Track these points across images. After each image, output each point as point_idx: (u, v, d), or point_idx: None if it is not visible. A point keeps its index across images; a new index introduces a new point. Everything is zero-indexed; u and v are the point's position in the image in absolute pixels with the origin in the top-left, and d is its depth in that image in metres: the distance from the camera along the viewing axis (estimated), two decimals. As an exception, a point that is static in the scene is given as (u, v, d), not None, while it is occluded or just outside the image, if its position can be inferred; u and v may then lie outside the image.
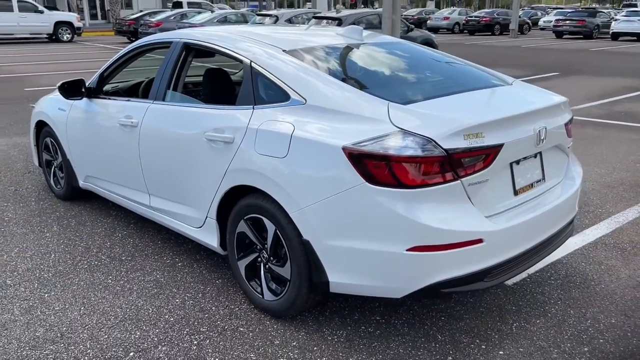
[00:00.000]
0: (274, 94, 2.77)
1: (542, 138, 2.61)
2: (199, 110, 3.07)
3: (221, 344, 2.65)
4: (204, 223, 3.12)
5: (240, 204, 2.84)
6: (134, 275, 3.32)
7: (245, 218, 2.84)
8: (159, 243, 3.79)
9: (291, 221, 2.56)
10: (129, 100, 3.64)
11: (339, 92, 2.57)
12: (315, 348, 2.62)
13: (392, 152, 2.26)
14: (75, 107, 4.11)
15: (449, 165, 2.28)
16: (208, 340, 2.67)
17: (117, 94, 4.25)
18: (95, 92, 4.00)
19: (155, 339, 2.68)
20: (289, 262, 2.65)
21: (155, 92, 3.43)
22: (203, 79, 3.54)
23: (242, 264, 2.96)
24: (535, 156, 2.71)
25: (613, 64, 15.81)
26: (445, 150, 2.26)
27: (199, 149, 2.99)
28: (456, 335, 2.73)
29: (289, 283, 2.69)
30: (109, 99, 3.85)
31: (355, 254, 2.40)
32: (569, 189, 2.90)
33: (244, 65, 2.95)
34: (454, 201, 2.32)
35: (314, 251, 2.50)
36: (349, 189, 2.35)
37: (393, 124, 2.35)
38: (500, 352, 2.59)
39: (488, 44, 24.39)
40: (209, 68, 3.57)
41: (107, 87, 4.22)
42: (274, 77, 2.78)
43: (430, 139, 2.27)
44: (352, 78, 2.75)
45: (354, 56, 3.06)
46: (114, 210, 4.40)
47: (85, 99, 4.02)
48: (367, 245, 2.36)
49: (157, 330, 2.75)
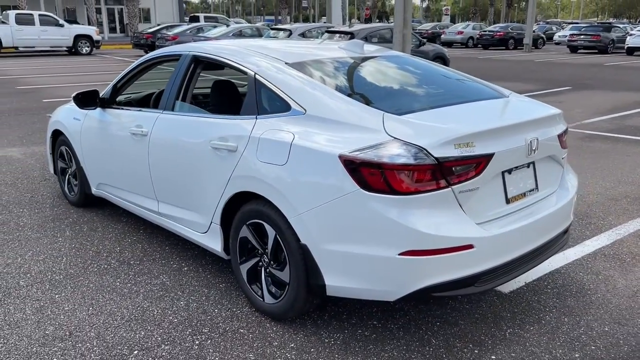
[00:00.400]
0: (276, 104, 2.89)
1: (534, 148, 2.69)
2: (206, 119, 3.20)
3: (222, 344, 2.75)
4: (209, 228, 3.23)
5: (243, 210, 2.95)
6: (141, 279, 3.44)
7: (247, 223, 2.95)
8: (167, 248, 3.91)
9: (290, 226, 2.66)
10: (140, 111, 3.79)
11: (337, 103, 2.68)
12: (312, 350, 2.71)
13: (386, 160, 2.36)
14: (90, 117, 4.27)
15: (440, 173, 2.37)
16: (209, 341, 2.78)
17: (130, 104, 4.40)
18: (108, 103, 4.16)
19: (159, 339, 2.79)
20: (288, 266, 2.75)
21: (164, 103, 3.57)
22: (211, 90, 3.68)
23: (244, 268, 3.06)
24: (528, 166, 2.79)
25: (626, 78, 15.78)
26: (436, 158, 2.35)
27: (205, 157, 3.11)
28: (450, 339, 2.80)
29: (288, 286, 2.79)
30: (122, 109, 4.01)
31: (350, 258, 2.50)
32: (562, 198, 2.97)
33: (249, 77, 3.07)
34: (445, 208, 2.41)
35: (311, 255, 2.60)
36: (344, 195, 2.45)
37: (387, 134, 2.46)
38: (493, 357, 2.65)
39: (501, 58, 24.44)
40: (216, 80, 3.71)
41: (121, 98, 4.38)
42: (276, 89, 2.90)
43: (422, 147, 2.37)
44: (350, 89, 2.86)
45: (353, 69, 3.18)
46: (125, 217, 4.54)
47: (99, 109, 4.18)
48: (362, 249, 2.45)
49: (161, 331, 2.86)
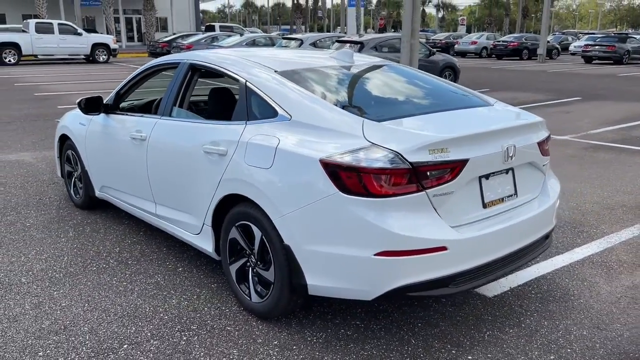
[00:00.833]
0: (264, 110, 3.01)
1: (511, 155, 2.77)
2: (199, 125, 3.33)
3: (208, 340, 2.86)
4: (201, 230, 3.35)
5: (232, 212, 3.07)
6: (137, 278, 3.57)
7: (236, 225, 3.06)
8: (164, 250, 4.04)
9: (274, 227, 2.77)
10: (140, 116, 3.94)
11: (320, 110, 2.80)
12: (294, 347, 2.80)
13: (363, 165, 2.46)
14: (94, 122, 4.43)
15: (415, 177, 2.47)
16: (196, 337, 2.89)
17: (133, 110, 4.56)
18: (112, 109, 4.32)
19: (149, 334, 2.91)
20: (272, 266, 2.86)
21: (163, 109, 3.71)
22: (208, 96, 3.82)
23: (233, 268, 3.17)
24: (506, 172, 2.87)
25: (639, 89, 15.68)
26: (411, 163, 2.45)
27: (198, 160, 3.24)
28: (429, 340, 2.87)
29: (272, 286, 2.89)
30: (124, 114, 4.16)
31: (329, 258, 2.60)
32: (542, 204, 3.04)
33: (240, 84, 3.20)
34: (419, 210, 2.50)
35: (293, 255, 2.71)
36: (324, 198, 2.56)
37: (366, 139, 2.56)
38: (469, 357, 2.72)
39: (514, 68, 24.41)
40: (213, 87, 3.85)
41: (125, 104, 4.53)
42: (264, 95, 3.03)
43: (397, 153, 2.46)
44: (335, 97, 2.97)
45: (340, 77, 3.30)
46: (127, 219, 4.68)
47: (102, 115, 4.34)
48: (340, 250, 2.55)
49: (151, 327, 2.98)
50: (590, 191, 5.58)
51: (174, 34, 29.05)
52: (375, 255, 2.47)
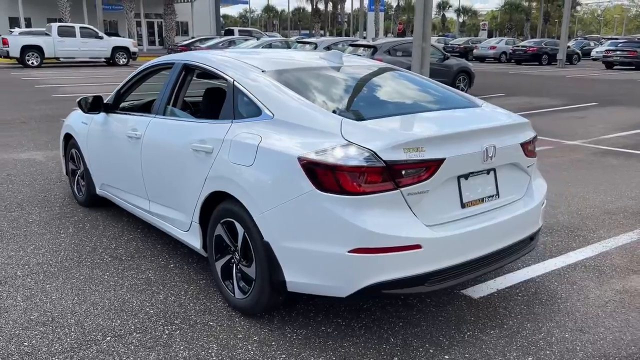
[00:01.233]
0: (249, 109, 3.06)
1: (490, 155, 2.77)
2: (189, 123, 3.39)
3: (189, 334, 2.90)
4: (190, 227, 3.41)
5: (218, 209, 3.12)
6: (129, 273, 3.64)
7: (221, 222, 3.11)
8: (159, 247, 4.11)
9: (255, 224, 2.81)
10: (136, 115, 4.02)
11: (301, 108, 2.83)
12: (273, 343, 2.83)
13: (338, 162, 2.49)
14: (95, 121, 4.53)
15: (389, 176, 2.48)
16: (179, 331, 2.94)
17: (133, 109, 4.65)
18: (112, 108, 4.41)
19: (132, 327, 2.97)
20: (254, 263, 2.89)
21: (157, 108, 3.79)
22: (203, 96, 3.89)
23: (219, 265, 3.22)
24: (488, 172, 2.87)
25: (658, 95, 15.41)
26: (384, 161, 2.47)
27: (186, 158, 3.30)
28: (408, 339, 2.88)
29: (254, 282, 2.93)
30: (123, 114, 4.25)
31: (306, 255, 2.63)
32: (526, 206, 3.03)
33: (228, 83, 3.26)
34: (393, 208, 2.52)
35: (273, 252, 2.74)
36: (301, 195, 2.59)
37: (343, 137, 2.59)
38: (446, 357, 2.73)
39: (532, 73, 24.16)
40: (208, 87, 3.91)
41: (125, 104, 4.62)
42: (250, 94, 3.07)
43: (372, 151, 2.49)
44: (318, 96, 3.00)
45: (327, 77, 3.33)
46: (126, 217, 4.77)
47: (102, 114, 4.43)
48: (316, 246, 2.58)
49: (136, 320, 3.04)
50: (594, 196, 5.52)
51: (193, 37, 29.41)
52: (349, 252, 2.49)
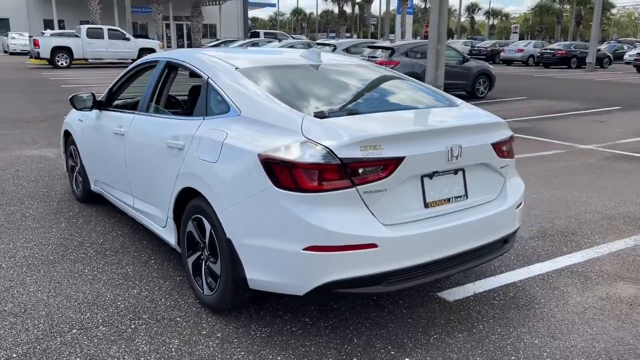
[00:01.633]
0: (220, 106, 3.06)
1: (455, 155, 2.71)
2: (166, 120, 3.42)
3: (154, 329, 2.92)
4: (167, 223, 3.43)
5: (189, 205, 3.13)
6: (109, 268, 3.68)
7: (192, 218, 3.12)
8: (144, 243, 4.15)
9: (219, 221, 2.81)
10: (122, 112, 4.07)
11: (266, 105, 2.82)
12: (235, 340, 2.83)
13: (293, 159, 2.47)
14: (89, 118, 4.61)
15: (345, 174, 2.45)
16: (144, 326, 2.95)
17: (126, 107, 4.71)
18: (104, 105, 4.48)
19: (100, 321, 3.00)
20: (219, 259, 2.89)
21: (141, 105, 3.83)
22: (188, 93, 3.92)
23: (190, 261, 3.23)
24: (455, 173, 2.81)
25: (687, 99, 14.92)
26: (340, 159, 2.44)
27: (162, 154, 3.32)
28: (372, 340, 2.84)
29: (219, 279, 2.93)
30: (114, 111, 4.31)
31: (265, 252, 2.61)
32: (499, 207, 2.96)
33: (202, 81, 3.27)
34: (349, 206, 2.48)
35: (234, 249, 2.74)
36: (260, 192, 2.58)
37: (303, 135, 2.57)
38: (407, 359, 2.68)
39: (559, 77, 23.67)
40: (193, 84, 3.93)
41: (119, 102, 4.69)
42: (221, 91, 3.08)
43: (328, 148, 2.46)
44: (286, 93, 2.99)
45: (301, 75, 3.31)
46: (119, 213, 4.83)
47: (96, 111, 4.51)
48: (274, 244, 2.56)
49: (105, 314, 3.07)
50: (597, 201, 5.36)
51: (217, 39, 29.73)
52: (303, 249, 2.47)
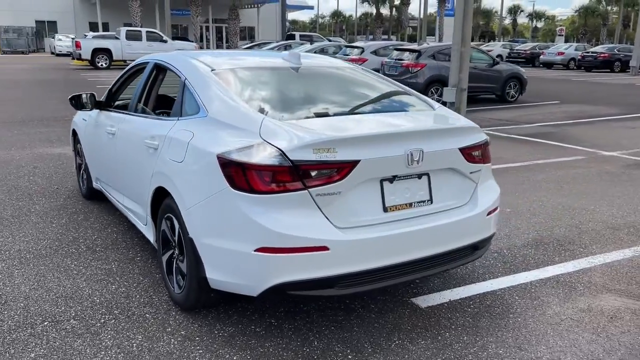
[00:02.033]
0: (192, 107, 3.11)
1: (416, 159, 2.67)
2: (147, 120, 3.50)
3: (122, 324, 2.98)
4: (147, 221, 3.50)
5: (163, 205, 3.19)
6: (95, 264, 3.78)
7: (165, 217, 3.18)
8: (135, 240, 4.24)
9: (183, 220, 2.85)
10: (117, 112, 4.18)
11: (231, 107, 2.85)
12: (197, 338, 2.86)
13: (247, 160, 2.49)
14: (90, 118, 4.75)
15: (297, 176, 2.45)
16: (113, 321, 3.02)
17: (121, 107, 4.83)
18: (104, 105, 4.60)
19: (73, 314, 3.08)
20: (185, 258, 2.94)
21: (130, 105, 3.92)
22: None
23: (164, 259, 3.29)
24: (419, 177, 2.77)
25: None
26: (292, 161, 2.44)
27: (142, 154, 3.40)
28: (332, 343, 2.82)
29: (186, 278, 2.97)
30: (111, 111, 4.43)
31: (222, 252, 2.64)
32: (467, 213, 2.90)
33: (180, 82, 3.33)
34: (301, 209, 2.48)
35: (196, 248, 2.77)
36: (218, 192, 2.61)
37: (260, 136, 2.58)
38: (363, 364, 2.65)
39: (598, 81, 22.93)
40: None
41: (120, 102, 4.80)
42: (194, 92, 3.13)
43: (281, 150, 2.47)
44: (252, 95, 3.01)
45: (275, 77, 3.32)
46: (119, 210, 4.95)
47: (97, 111, 4.64)
48: (228, 244, 2.59)
49: (79, 308, 3.16)
50: (604, 210, 5.17)
51: (252, 42, 30.08)
52: (255, 251, 2.48)
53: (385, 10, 59.72)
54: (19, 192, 5.50)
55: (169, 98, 4.78)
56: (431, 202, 2.82)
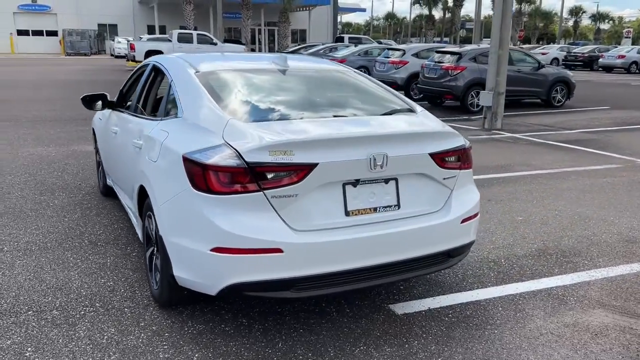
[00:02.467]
0: (174, 108, 3.18)
1: (380, 164, 2.63)
2: (139, 120, 3.61)
3: (98, 317, 3.08)
4: (137, 218, 3.61)
5: (145, 202, 3.27)
6: (92, 258, 3.92)
7: (147, 215, 3.27)
8: (137, 236, 4.37)
9: (155, 217, 2.92)
10: (122, 112, 4.32)
11: (202, 108, 2.90)
12: (166, 334, 2.92)
13: (205, 161, 2.52)
14: (104, 117, 4.93)
15: (252, 177, 2.47)
16: (92, 313, 3.13)
17: (128, 107, 4.99)
18: (115, 106, 4.77)
19: (57, 305, 3.21)
20: (159, 256, 3.01)
21: (132, 105, 4.06)
22: None
23: (147, 255, 3.37)
24: (386, 182, 2.72)
25: None
26: (247, 163, 2.46)
27: (130, 153, 3.51)
28: (296, 346, 2.82)
29: (160, 274, 3.04)
30: (118, 111, 4.58)
31: (184, 251, 2.69)
32: (439, 219, 2.83)
33: (168, 83, 3.41)
34: (256, 210, 2.49)
35: (165, 246, 2.84)
36: (181, 192, 2.66)
37: (222, 138, 2.62)
38: (320, 368, 2.64)
39: (659, 86, 21.76)
40: None
41: (130, 103, 4.96)
42: (177, 93, 3.20)
43: (237, 152, 2.49)
44: (226, 97, 3.04)
45: (256, 80, 3.34)
46: (129, 207, 5.12)
47: (108, 111, 4.81)
48: (188, 243, 2.63)
49: (65, 299, 3.29)
50: (624, 221, 4.92)
51: (299, 44, 30.31)
52: (210, 250, 2.52)
53: (438, 13, 58.95)
54: (44, 187, 5.77)
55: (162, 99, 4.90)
56: (398, 207, 2.77)
